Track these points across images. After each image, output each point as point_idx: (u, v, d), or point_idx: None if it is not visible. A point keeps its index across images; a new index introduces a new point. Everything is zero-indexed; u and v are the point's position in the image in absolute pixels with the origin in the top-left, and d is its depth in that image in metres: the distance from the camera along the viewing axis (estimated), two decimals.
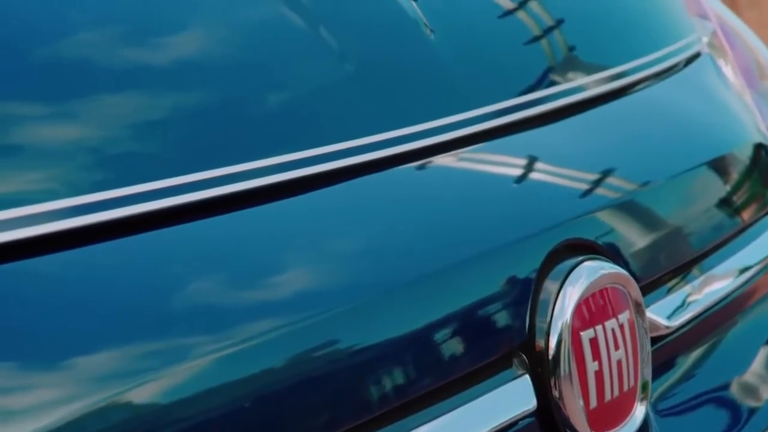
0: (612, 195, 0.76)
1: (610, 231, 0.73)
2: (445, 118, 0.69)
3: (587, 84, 0.81)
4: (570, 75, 0.81)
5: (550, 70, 0.80)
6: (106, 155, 0.55)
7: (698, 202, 0.83)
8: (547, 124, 0.75)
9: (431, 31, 0.73)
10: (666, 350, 0.75)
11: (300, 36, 0.66)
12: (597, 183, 0.75)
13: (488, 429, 0.60)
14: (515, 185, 0.71)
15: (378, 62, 0.69)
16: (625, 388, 0.67)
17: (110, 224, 0.52)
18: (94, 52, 0.59)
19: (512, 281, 0.65)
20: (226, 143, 0.59)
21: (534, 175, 0.73)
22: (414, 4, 0.74)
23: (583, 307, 0.65)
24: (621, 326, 0.67)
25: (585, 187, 0.74)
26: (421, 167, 0.67)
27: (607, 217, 0.73)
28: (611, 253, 0.71)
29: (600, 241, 0.71)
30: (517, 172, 0.73)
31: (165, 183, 0.55)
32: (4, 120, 0.53)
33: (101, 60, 0.59)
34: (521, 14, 0.83)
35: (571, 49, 0.84)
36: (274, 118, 0.63)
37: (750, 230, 0.86)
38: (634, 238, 0.74)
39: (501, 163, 0.72)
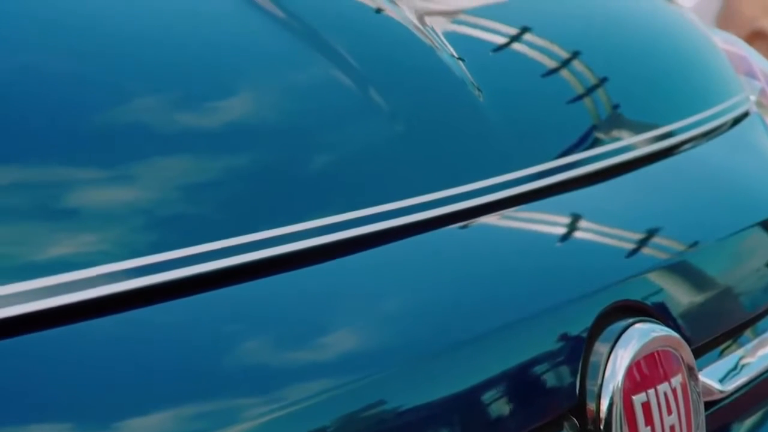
0: (661, 256, 0.74)
1: (661, 292, 0.71)
2: (492, 179, 0.68)
3: (634, 143, 0.80)
4: (617, 134, 0.80)
5: (597, 129, 0.80)
6: (158, 218, 0.56)
7: (749, 263, 0.82)
8: (594, 184, 0.74)
9: (479, 90, 0.73)
10: (720, 416, 0.73)
11: (350, 97, 0.67)
12: (646, 244, 0.74)
13: None
14: (564, 246, 0.71)
15: (426, 122, 0.69)
16: None
17: (163, 286, 0.52)
18: (148, 117, 0.60)
19: (562, 343, 0.63)
20: (277, 205, 0.59)
21: (582, 236, 0.72)
22: (461, 63, 0.74)
23: (635, 371, 0.64)
24: (674, 390, 0.66)
25: (634, 248, 0.73)
26: (469, 228, 0.66)
27: (657, 279, 0.72)
28: (662, 315, 0.69)
29: (650, 303, 0.69)
30: (566, 232, 0.72)
31: (217, 245, 0.55)
32: (62, 183, 0.54)
33: (155, 124, 0.60)
34: (567, 73, 0.83)
35: (618, 108, 0.83)
36: (323, 179, 0.63)
37: None
38: (685, 300, 0.73)
39: (549, 222, 0.71)
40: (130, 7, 0.66)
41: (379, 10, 0.76)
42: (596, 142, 0.78)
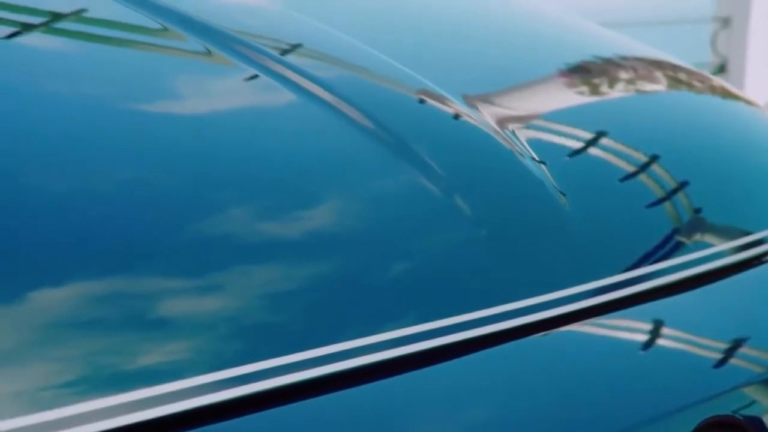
0: (756, 369, 0.71)
1: (755, 406, 0.69)
2: (577, 287, 0.66)
3: (722, 251, 0.77)
4: (704, 241, 0.77)
5: (683, 235, 0.77)
6: (248, 328, 0.55)
7: None
8: (681, 292, 0.71)
9: (561, 195, 0.71)
10: None
11: (435, 204, 0.65)
12: (739, 356, 0.71)
13: None
14: (651, 358, 0.67)
15: (510, 228, 0.67)
16: None
17: (251, 397, 0.51)
18: (237, 227, 0.59)
19: None
20: (363, 314, 0.58)
21: (671, 347, 0.69)
22: (543, 167, 0.73)
23: None
24: None
25: (727, 360, 0.70)
26: (554, 337, 0.63)
27: (752, 393, 0.69)
28: (758, 431, 0.67)
29: (745, 418, 0.67)
30: (653, 343, 0.68)
31: (306, 355, 0.54)
32: (154, 294, 0.54)
33: (245, 234, 0.59)
34: (650, 176, 0.81)
35: (704, 213, 0.80)
36: (408, 288, 0.61)
37: None
38: None
39: (636, 332, 0.68)
40: (220, 120, 0.67)
41: (460, 117, 0.75)
42: (682, 249, 0.76)
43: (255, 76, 0.73)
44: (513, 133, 0.76)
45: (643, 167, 0.80)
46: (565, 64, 1.01)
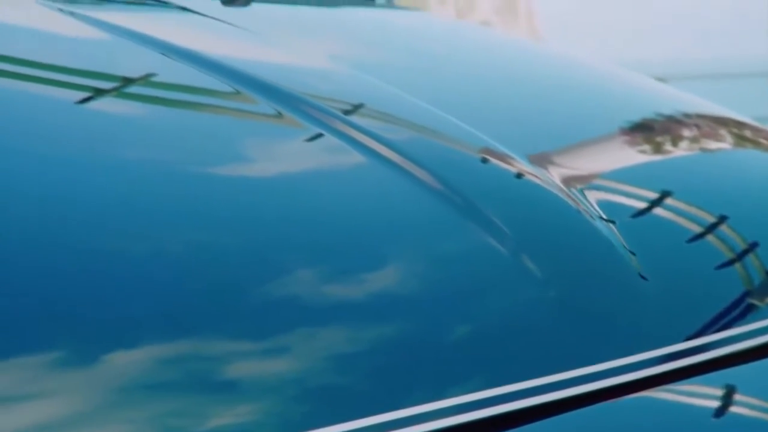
0: None
1: None
2: (649, 351, 0.64)
3: None
4: None
5: (757, 299, 0.74)
6: (312, 390, 0.54)
7: None
8: (757, 359, 0.68)
9: (631, 254, 0.69)
10: None
11: (504, 264, 0.64)
12: None
13: None
14: (726, 426, 0.66)
15: (580, 290, 0.65)
16: None
17: None
18: (304, 289, 0.59)
19: None
20: (425, 378, 0.57)
21: (746, 415, 0.66)
22: (611, 226, 0.71)
23: None
24: None
25: None
26: (626, 404, 0.61)
27: None
28: None
29: None
30: (728, 412, 0.67)
31: (368, 421, 0.53)
32: (222, 357, 0.53)
33: (312, 296, 0.58)
34: (720, 237, 0.78)
35: None
36: (473, 351, 0.59)
37: None
38: None
39: (709, 399, 0.67)
40: (291, 182, 0.67)
41: (526, 176, 0.74)
42: (756, 314, 0.74)
43: (325, 138, 0.73)
44: (579, 191, 0.75)
45: (712, 227, 0.79)
46: (627, 121, 1.00)
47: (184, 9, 1.04)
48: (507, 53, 1.27)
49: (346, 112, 0.77)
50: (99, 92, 0.76)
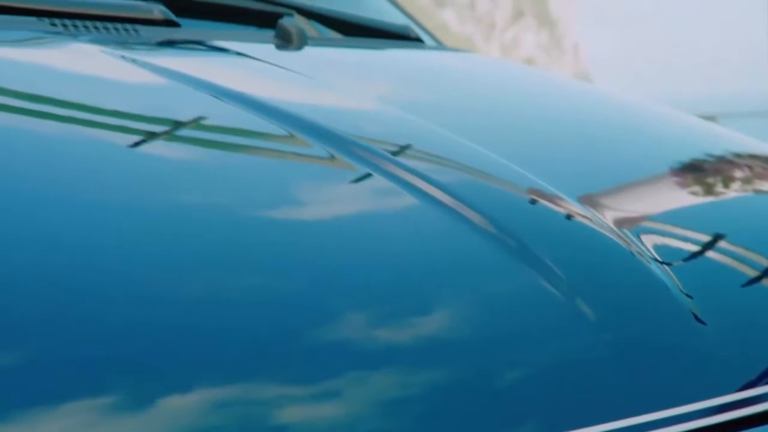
0: None
1: None
2: (709, 400, 0.62)
3: None
4: None
5: None
6: None
7: None
8: None
9: (688, 297, 0.68)
10: None
11: (558, 308, 0.63)
12: None
13: None
14: None
15: (635, 333, 0.64)
16: None
17: None
18: (353, 333, 0.58)
19: None
20: (479, 424, 0.56)
21: None
22: (666, 268, 0.70)
23: None
24: None
25: None
26: None
27: None
28: None
29: None
30: None
31: None
32: (270, 402, 0.53)
33: (361, 340, 0.58)
34: None
35: None
36: (527, 396, 0.58)
37: None
38: None
39: None
40: (344, 224, 0.67)
41: (578, 217, 0.73)
42: None
43: (377, 181, 0.73)
44: (632, 233, 0.74)
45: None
46: (677, 162, 0.99)
47: (239, 54, 1.05)
48: (555, 93, 1.27)
49: (398, 154, 0.78)
50: (152, 135, 0.78)
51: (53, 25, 0.98)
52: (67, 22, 0.99)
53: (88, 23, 1.00)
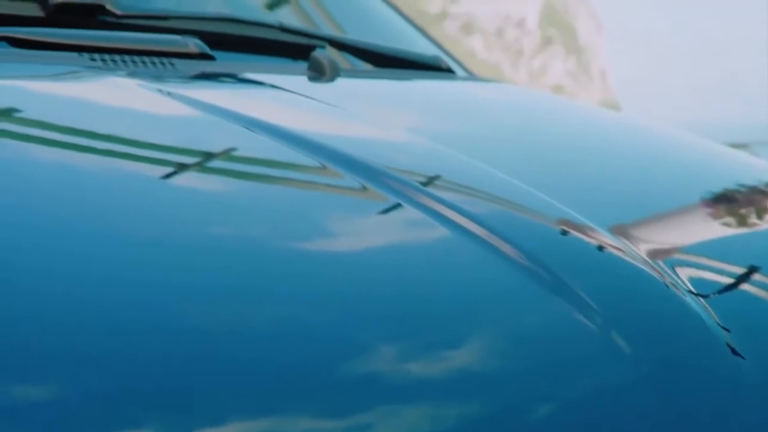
0: None
1: None
2: None
3: None
4: None
5: None
6: None
7: None
8: None
9: (726, 331, 0.67)
10: None
11: (593, 341, 0.62)
12: None
13: None
14: None
15: (673, 368, 0.63)
16: None
17: None
18: (383, 365, 0.58)
19: None
20: None
21: None
22: (702, 301, 0.69)
23: None
24: None
25: None
26: None
27: None
28: None
29: None
30: None
31: None
32: None
33: (388, 371, 0.58)
34: None
35: None
36: (564, 427, 0.60)
37: None
38: None
39: None
40: (376, 255, 0.67)
41: (611, 249, 0.72)
42: None
43: (409, 212, 0.73)
44: (665, 264, 0.73)
45: None
46: (708, 191, 0.99)
47: (273, 86, 1.06)
48: (584, 123, 1.26)
49: (429, 185, 0.78)
50: (188, 167, 0.78)
51: (93, 59, 1.00)
52: (106, 56, 1.01)
53: (126, 57, 1.02)
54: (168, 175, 0.76)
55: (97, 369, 0.52)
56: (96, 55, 1.00)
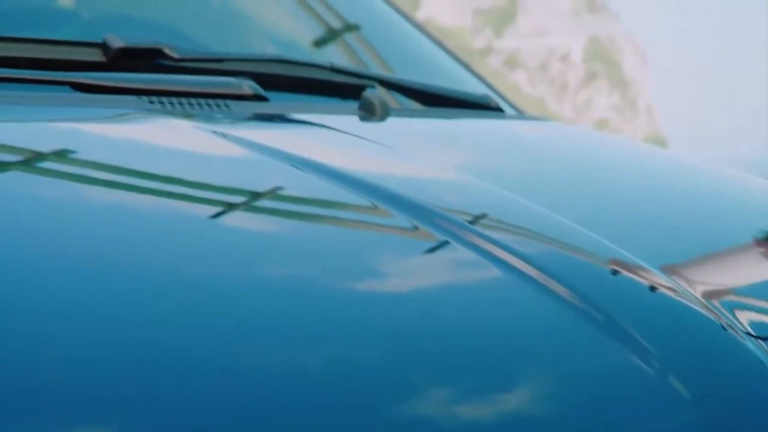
0: None
1: None
2: None
3: None
4: None
5: None
6: None
7: None
8: None
9: None
10: None
11: (650, 384, 0.61)
12: None
13: None
14: None
15: (733, 413, 0.61)
16: None
17: None
18: (436, 408, 0.57)
19: None
20: None
21: None
22: (761, 343, 0.67)
23: None
24: None
25: None
26: None
27: None
28: None
29: None
30: None
31: None
32: None
33: (440, 414, 0.57)
34: None
35: None
36: None
37: None
38: None
39: None
40: (428, 296, 0.67)
41: (665, 290, 0.71)
42: None
43: (460, 252, 0.73)
44: (720, 305, 0.72)
45: None
46: (759, 230, 0.97)
47: (324, 126, 1.07)
48: (633, 161, 1.25)
49: (480, 225, 0.77)
50: (242, 208, 0.79)
51: (151, 102, 1.01)
52: (164, 99, 1.02)
53: (183, 100, 1.03)
54: (221, 215, 0.77)
55: (139, 402, 0.53)
56: (154, 98, 1.02)
